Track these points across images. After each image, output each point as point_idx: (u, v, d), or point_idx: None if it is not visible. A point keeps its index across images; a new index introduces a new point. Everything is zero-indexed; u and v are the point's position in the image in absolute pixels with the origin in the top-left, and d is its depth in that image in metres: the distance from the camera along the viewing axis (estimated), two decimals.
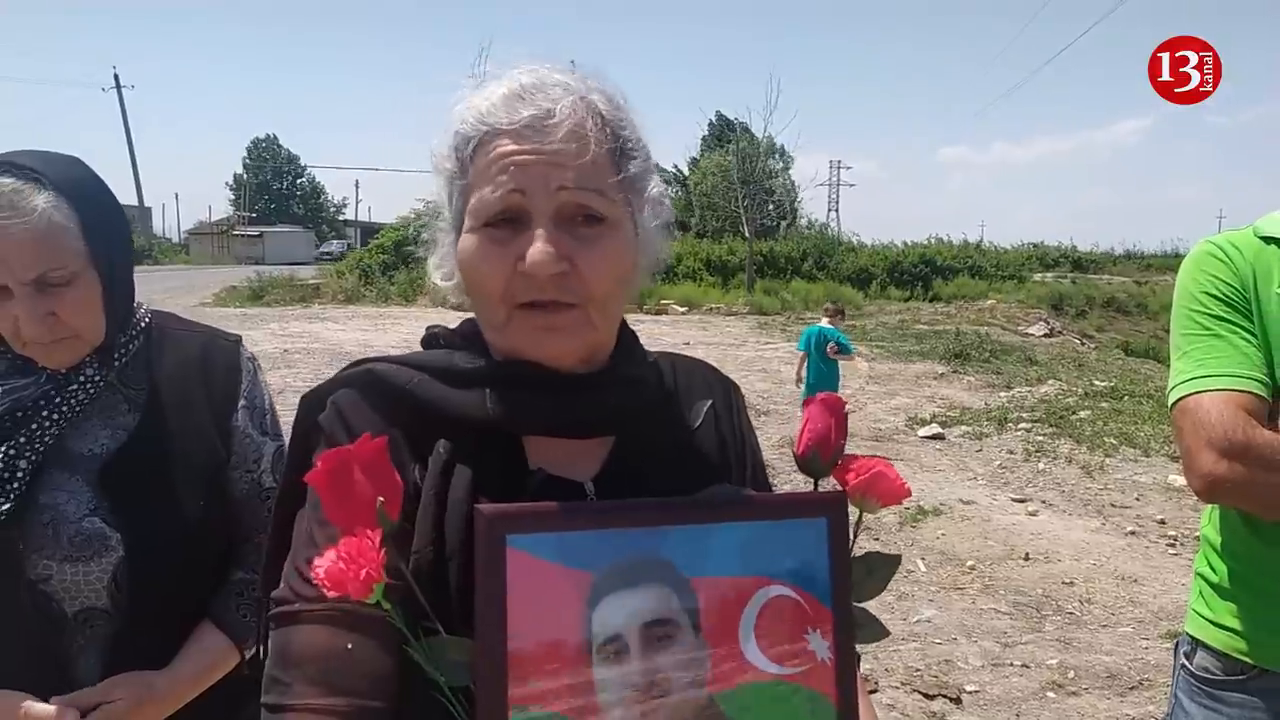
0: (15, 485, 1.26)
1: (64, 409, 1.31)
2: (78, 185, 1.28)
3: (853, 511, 0.89)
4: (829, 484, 0.92)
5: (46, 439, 1.29)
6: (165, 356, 1.40)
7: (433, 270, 0.99)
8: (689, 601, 0.80)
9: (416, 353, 1.00)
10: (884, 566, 0.91)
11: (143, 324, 1.41)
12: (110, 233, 1.31)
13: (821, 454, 0.91)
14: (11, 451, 1.27)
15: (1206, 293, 1.50)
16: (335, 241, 60.50)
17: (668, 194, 1.00)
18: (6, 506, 1.25)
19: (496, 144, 0.88)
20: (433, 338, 1.03)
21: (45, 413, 1.30)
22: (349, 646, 0.83)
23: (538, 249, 0.85)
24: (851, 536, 0.88)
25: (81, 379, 1.32)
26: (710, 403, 1.07)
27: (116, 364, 1.36)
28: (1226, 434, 1.38)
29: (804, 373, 8.54)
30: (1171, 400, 1.50)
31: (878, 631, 0.90)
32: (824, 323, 8.78)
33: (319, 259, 46.59)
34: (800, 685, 0.82)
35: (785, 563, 0.84)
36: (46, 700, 1.23)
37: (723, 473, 1.01)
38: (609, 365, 0.97)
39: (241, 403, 1.43)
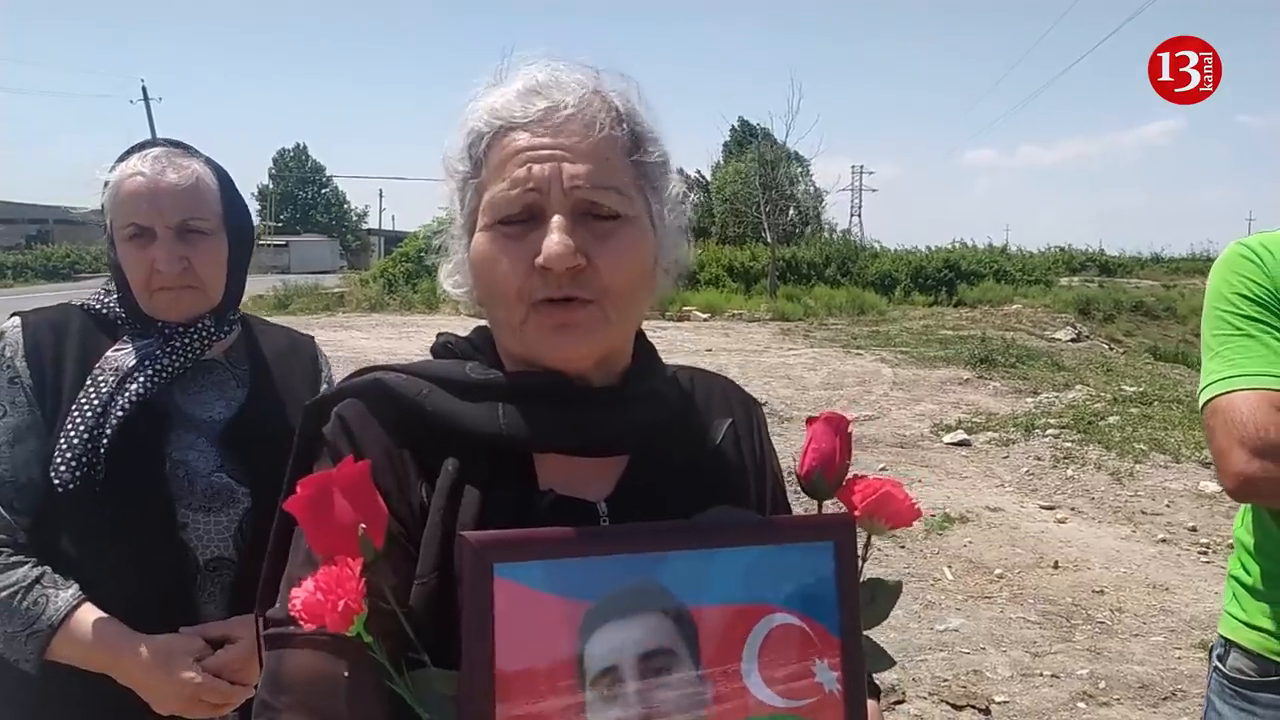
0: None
1: (181, 350, 1.48)
2: (221, 169, 1.53)
3: (860, 535, 0.85)
4: (833, 505, 0.89)
5: (174, 371, 1.47)
6: (261, 342, 1.65)
7: (444, 279, 0.96)
8: (688, 631, 0.76)
9: (426, 361, 0.96)
10: (887, 594, 0.87)
11: (237, 315, 1.62)
12: (241, 215, 1.54)
13: (826, 475, 0.88)
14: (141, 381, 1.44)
15: (1238, 293, 1.50)
16: None
17: (689, 197, 0.97)
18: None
19: (511, 138, 0.86)
20: (443, 346, 0.98)
21: (162, 354, 1.46)
22: (345, 674, 0.80)
23: (554, 240, 0.83)
24: (860, 561, 0.84)
25: (197, 327, 1.50)
26: (730, 421, 1.02)
27: (226, 333, 1.55)
28: (1259, 432, 1.37)
29: None
30: (1203, 401, 1.48)
31: (883, 662, 0.86)
32: None
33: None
34: None
35: (790, 589, 0.80)
36: None
37: (741, 494, 0.97)
38: (626, 379, 0.93)
39: (324, 386, 1.64)
